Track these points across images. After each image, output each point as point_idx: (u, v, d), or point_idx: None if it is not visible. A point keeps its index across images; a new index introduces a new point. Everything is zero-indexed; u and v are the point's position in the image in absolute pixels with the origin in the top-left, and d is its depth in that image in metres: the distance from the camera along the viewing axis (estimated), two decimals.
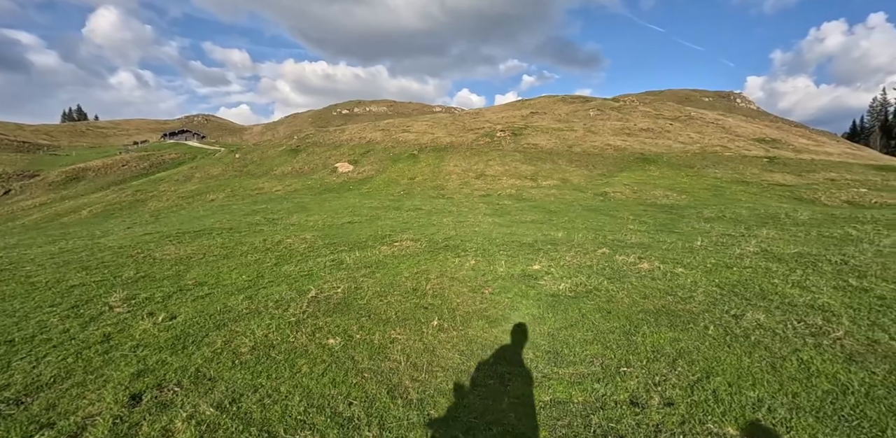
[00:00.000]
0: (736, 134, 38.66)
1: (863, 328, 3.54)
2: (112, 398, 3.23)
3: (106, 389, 3.40)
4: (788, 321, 3.65)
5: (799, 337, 3.36)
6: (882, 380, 2.73)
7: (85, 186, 40.72)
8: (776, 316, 3.82)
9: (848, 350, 3.13)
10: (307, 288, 5.47)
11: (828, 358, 3.02)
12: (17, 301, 5.88)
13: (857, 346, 3.19)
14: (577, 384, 2.83)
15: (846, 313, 3.88)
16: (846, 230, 9.90)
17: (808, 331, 3.43)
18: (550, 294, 4.70)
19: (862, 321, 3.70)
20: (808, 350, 3.16)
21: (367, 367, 3.26)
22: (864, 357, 3.02)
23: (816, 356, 3.04)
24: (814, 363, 2.95)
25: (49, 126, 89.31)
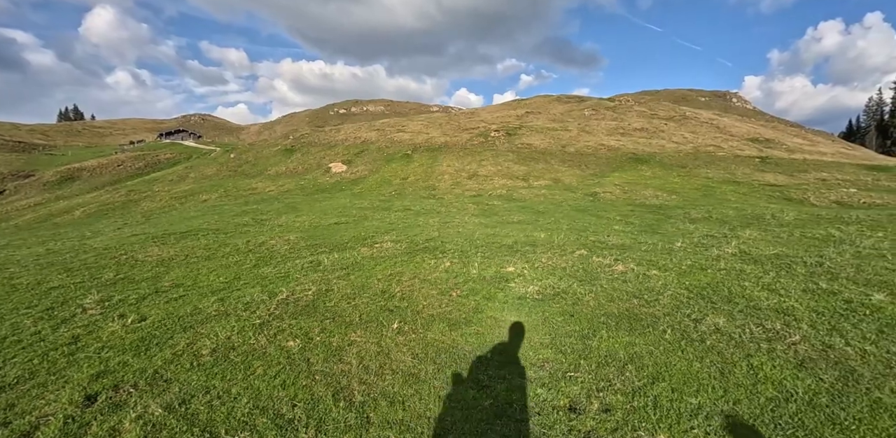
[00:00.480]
0: (730, 134, 38.75)
1: (821, 332, 3.56)
2: (68, 398, 3.27)
3: (64, 390, 3.44)
4: (747, 325, 3.67)
5: (754, 341, 3.38)
6: (828, 388, 2.76)
7: (80, 186, 40.65)
8: (737, 320, 3.85)
9: (801, 355, 3.15)
10: (279, 290, 5.49)
11: (778, 363, 3.04)
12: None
13: (810, 352, 3.21)
14: (520, 389, 2.85)
15: (808, 317, 3.91)
16: (829, 231, 9.94)
17: (764, 336, 3.46)
18: (518, 296, 4.73)
19: (822, 325, 3.72)
20: (761, 355, 3.18)
21: (319, 370, 3.29)
22: (816, 363, 3.05)
23: (767, 362, 3.07)
24: (763, 369, 2.97)
25: (45, 125, 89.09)
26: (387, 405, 2.78)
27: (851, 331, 3.56)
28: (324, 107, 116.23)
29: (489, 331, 3.84)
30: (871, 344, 3.28)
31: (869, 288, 4.86)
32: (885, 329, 3.57)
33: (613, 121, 40.59)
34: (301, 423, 2.67)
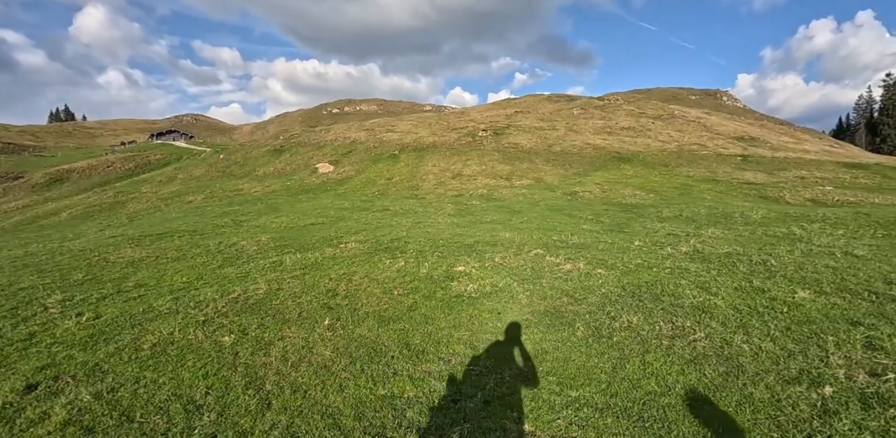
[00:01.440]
0: (716, 132, 39.09)
1: (728, 330, 3.75)
2: (10, 387, 3.48)
3: (9, 380, 3.64)
4: (658, 323, 3.87)
5: (658, 338, 3.58)
6: (708, 383, 2.94)
7: (69, 188, 40.56)
8: (652, 317, 4.04)
9: (697, 352, 3.34)
10: (233, 289, 5.67)
11: (671, 359, 3.24)
12: None
13: (708, 348, 3.40)
14: (419, 381, 3.05)
15: (723, 314, 4.10)
16: (792, 229, 10.18)
17: (670, 333, 3.65)
18: (455, 295, 4.93)
19: (732, 323, 3.91)
20: (658, 351, 3.37)
21: (243, 362, 3.51)
22: (708, 359, 3.24)
23: (661, 357, 3.26)
24: (654, 364, 3.16)
25: (35, 126, 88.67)
26: (290, 393, 3.00)
27: (758, 329, 3.75)
28: (317, 107, 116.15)
29: (414, 328, 4.03)
30: (771, 341, 3.47)
31: (799, 285, 5.07)
32: (793, 326, 3.77)
33: (601, 120, 40.87)
34: (207, 408, 2.94)
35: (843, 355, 3.07)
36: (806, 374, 2.85)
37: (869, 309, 4.07)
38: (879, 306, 4.19)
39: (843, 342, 3.29)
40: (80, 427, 2.88)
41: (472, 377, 3.07)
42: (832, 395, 2.59)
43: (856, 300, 4.39)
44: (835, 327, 3.61)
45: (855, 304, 4.24)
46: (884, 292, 4.57)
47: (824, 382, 2.74)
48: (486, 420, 2.54)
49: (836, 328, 3.58)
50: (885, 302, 4.29)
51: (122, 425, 2.84)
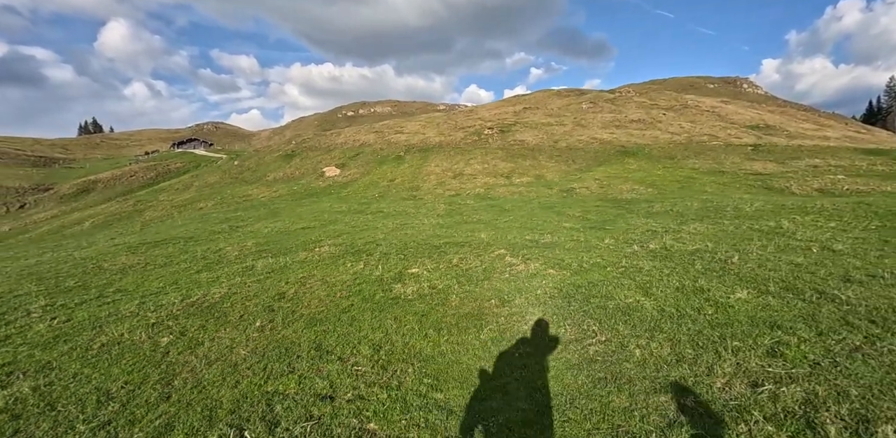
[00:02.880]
0: (731, 121, 38.02)
1: (635, 333, 3.71)
2: None
3: None
4: (566, 326, 3.91)
5: (555, 341, 3.62)
6: (575, 389, 2.97)
7: (94, 198, 42.35)
8: (565, 320, 4.07)
9: (586, 356, 3.36)
10: (196, 293, 5.96)
11: (554, 364, 3.28)
12: None
13: (599, 353, 3.41)
14: (306, 379, 3.22)
15: (642, 317, 4.05)
16: (781, 222, 9.92)
17: (572, 337, 3.68)
18: (392, 297, 5.06)
19: (644, 326, 3.86)
20: (546, 355, 3.42)
21: (169, 360, 3.80)
22: (592, 364, 3.24)
23: (545, 362, 3.31)
24: (534, 368, 3.21)
25: (66, 139, 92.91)
26: (190, 388, 3.28)
27: (667, 332, 3.70)
28: (332, 111, 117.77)
29: (335, 329, 4.19)
30: (671, 346, 3.42)
31: (743, 285, 4.97)
32: (705, 330, 3.73)
33: (611, 113, 40.24)
34: (117, 399, 3.29)
35: (735, 362, 3.04)
36: (681, 383, 2.85)
37: (801, 312, 4.00)
38: (816, 308, 4.09)
39: (745, 348, 3.26)
40: (9, 415, 3.23)
41: (353, 376, 3.22)
42: (692, 406, 2.59)
43: (795, 301, 4.31)
44: (749, 331, 3.57)
45: (790, 306, 4.17)
46: (831, 293, 4.45)
47: (692, 392, 2.74)
48: (337, 418, 2.68)
49: (749, 332, 3.55)
50: (824, 303, 4.19)
51: (44, 413, 3.19)
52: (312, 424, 2.66)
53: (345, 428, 2.62)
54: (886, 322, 3.64)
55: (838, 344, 3.23)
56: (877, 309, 3.98)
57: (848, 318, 3.74)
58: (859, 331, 3.44)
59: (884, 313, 3.86)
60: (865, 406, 2.41)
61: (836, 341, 3.27)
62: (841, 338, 3.30)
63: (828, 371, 2.83)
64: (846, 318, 3.74)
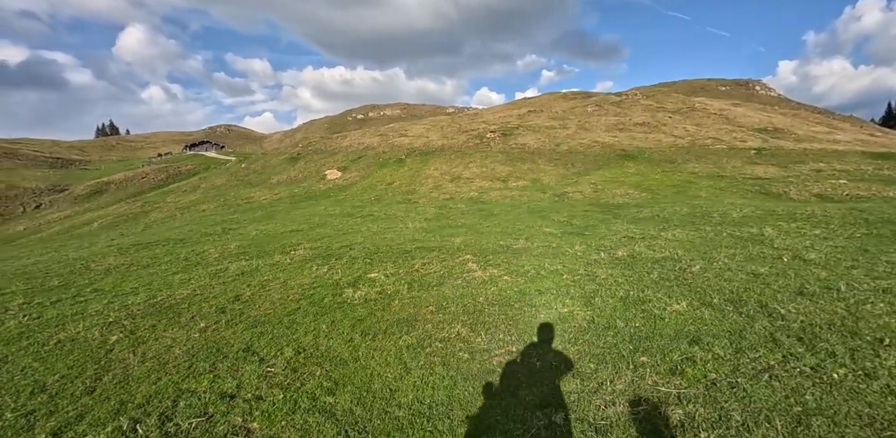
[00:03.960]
0: (738, 124, 37.52)
1: (548, 345, 3.73)
2: None
3: None
4: (484, 334, 3.95)
5: (465, 351, 3.67)
6: (457, 397, 3.03)
7: (106, 199, 43.36)
8: (491, 329, 4.11)
9: (489, 366, 3.38)
10: (161, 294, 6.14)
11: (450, 373, 3.30)
12: None
13: (503, 363, 3.44)
14: (221, 378, 3.34)
15: (568, 329, 4.00)
16: (764, 229, 9.82)
17: (482, 346, 3.69)
18: (340, 301, 5.14)
19: (561, 338, 3.87)
20: (448, 364, 3.44)
21: (111, 357, 4.01)
22: (489, 374, 3.28)
23: (444, 371, 3.33)
24: (430, 378, 3.22)
25: (83, 141, 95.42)
26: (115, 383, 3.49)
27: (580, 345, 3.69)
28: (342, 114, 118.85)
29: (272, 332, 4.29)
30: (579, 359, 3.42)
31: (687, 296, 4.90)
32: (621, 343, 3.67)
33: (615, 116, 40.00)
34: (48, 391, 3.50)
35: (630, 379, 3.02)
36: (563, 399, 2.87)
37: (732, 326, 3.95)
38: (748, 322, 4.03)
39: (651, 364, 3.23)
40: None
41: (263, 377, 3.32)
42: (560, 423, 2.60)
43: (731, 314, 4.25)
44: (665, 345, 3.54)
45: (723, 319, 4.11)
46: (773, 306, 4.38)
47: (567, 409, 2.75)
48: (226, 416, 2.80)
49: (665, 347, 3.52)
50: (760, 317, 4.11)
51: None
52: (201, 420, 2.80)
53: (228, 426, 2.74)
54: (814, 340, 3.59)
55: (751, 362, 3.20)
56: (812, 326, 3.92)
57: (776, 335, 3.70)
58: (780, 349, 3.41)
59: (816, 330, 3.81)
60: (741, 434, 2.42)
61: (751, 359, 3.25)
62: (756, 357, 3.28)
63: (722, 392, 2.81)
64: (774, 335, 3.70)
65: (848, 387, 2.76)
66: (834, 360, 3.10)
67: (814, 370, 3.01)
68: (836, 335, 3.58)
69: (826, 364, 3.06)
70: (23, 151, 67.17)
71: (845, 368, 2.98)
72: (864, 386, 2.77)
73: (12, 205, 43.41)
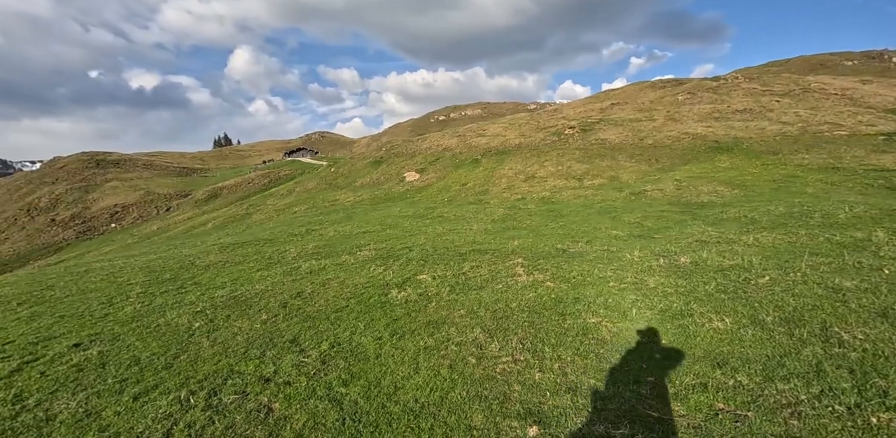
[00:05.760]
0: (866, 105, 32.32)
1: (551, 356, 3.72)
2: (65, 345, 5.17)
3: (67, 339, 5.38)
4: (499, 340, 4.00)
5: (475, 356, 3.77)
6: (452, 398, 3.14)
7: (219, 202, 49.28)
8: (510, 335, 4.16)
9: (492, 373, 3.43)
10: (242, 288, 7.09)
11: (453, 376, 3.46)
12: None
13: (505, 371, 3.46)
14: (264, 364, 3.84)
15: (587, 342, 3.92)
16: (874, 234, 8.50)
17: (494, 353, 3.77)
18: (384, 301, 5.48)
19: (573, 352, 3.81)
20: (461, 366, 3.58)
21: (191, 340, 4.86)
22: (489, 381, 3.34)
23: (449, 371, 3.49)
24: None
25: (202, 152, 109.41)
26: (188, 361, 4.21)
27: (590, 359, 3.64)
28: (424, 116, 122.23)
29: (318, 326, 4.75)
30: (581, 374, 3.40)
31: (739, 312, 4.45)
32: (633, 362, 3.56)
33: (710, 104, 36.54)
34: (140, 364, 4.30)
35: (629, 398, 2.94)
36: (546, 413, 2.87)
37: (773, 350, 3.52)
38: (796, 347, 3.56)
39: (637, 384, 3.12)
40: (76, 368, 4.40)
41: (297, 366, 3.75)
42: (534, 436, 2.60)
43: (779, 337, 3.79)
44: (683, 367, 3.34)
45: (765, 342, 3.71)
46: (835, 331, 3.79)
47: (541, 423, 2.73)
48: (257, 396, 3.24)
49: (681, 369, 3.32)
50: (812, 343, 3.65)
51: (96, 369, 4.32)
52: (238, 397, 3.28)
53: (256, 403, 3.19)
54: (868, 374, 3.07)
55: (776, 395, 2.86)
56: (875, 357, 3.35)
57: (823, 364, 3.25)
58: (820, 383, 2.97)
59: (879, 362, 3.23)
60: None
61: (777, 391, 2.90)
62: (786, 389, 2.92)
63: (721, 425, 2.60)
64: (821, 364, 3.26)
65: (886, 435, 2.41)
66: (882, 401, 2.69)
67: (850, 410, 2.64)
68: None
69: (871, 404, 2.68)
70: (157, 162, 78.97)
71: (892, 413, 2.58)
72: None
73: (149, 208, 51.17)
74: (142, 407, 3.43)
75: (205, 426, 3.04)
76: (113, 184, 66.51)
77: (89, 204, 58.97)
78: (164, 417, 3.25)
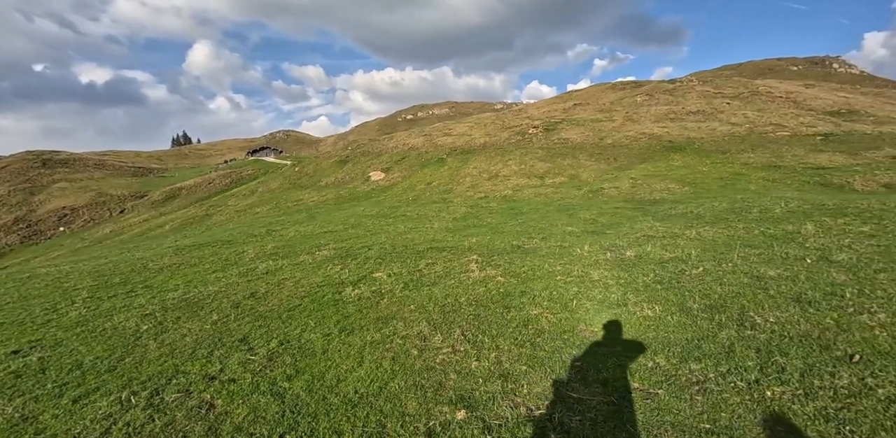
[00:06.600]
0: (808, 108, 34.47)
1: (490, 346, 3.90)
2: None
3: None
4: (441, 333, 4.20)
5: (412, 345, 3.98)
6: (392, 388, 3.26)
7: (178, 203, 47.49)
8: (453, 327, 4.34)
9: (432, 363, 3.57)
10: (195, 290, 6.94)
11: (394, 367, 3.64)
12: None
13: (445, 361, 3.61)
14: (210, 363, 3.86)
15: (525, 333, 4.14)
16: (804, 226, 9.15)
17: (438, 345, 3.95)
18: (336, 299, 5.52)
19: (510, 341, 4.01)
20: (402, 358, 3.74)
21: (138, 343, 4.76)
22: (428, 371, 3.48)
23: (384, 363, 3.67)
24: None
25: (160, 151, 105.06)
26: (133, 363, 4.16)
27: (527, 348, 3.84)
28: (392, 115, 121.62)
29: (269, 324, 4.76)
30: (515, 362, 3.59)
31: (669, 301, 4.77)
32: (564, 349, 3.79)
33: (667, 105, 38.05)
34: (83, 367, 4.24)
35: (552, 382, 3.14)
36: (476, 398, 3.04)
37: (694, 334, 3.85)
38: (714, 331, 3.89)
39: (565, 369, 3.36)
40: (14, 375, 4.28)
41: (244, 363, 3.80)
42: (459, 420, 2.77)
43: (701, 322, 4.10)
44: (602, 351, 3.60)
45: (688, 327, 4.02)
46: (751, 316, 4.14)
47: (470, 407, 2.91)
48: (200, 393, 3.29)
49: (595, 352, 3.59)
50: (729, 326, 3.98)
51: (35, 375, 4.24)
52: (181, 395, 3.30)
53: (199, 400, 3.21)
54: (772, 353, 3.38)
55: (689, 374, 3.12)
56: (782, 338, 3.67)
57: (735, 346, 3.53)
58: (729, 362, 3.25)
59: (784, 342, 3.56)
60: None
61: (689, 371, 3.17)
62: (698, 368, 3.18)
63: (634, 402, 2.84)
64: (733, 346, 3.54)
65: (776, 408, 2.69)
66: (778, 377, 2.99)
67: (749, 386, 2.92)
68: (802, 349, 3.42)
69: (768, 379, 2.97)
70: (110, 162, 75.22)
71: (785, 386, 2.87)
72: (795, 407, 2.68)
73: (101, 211, 48.74)
74: (81, 410, 3.39)
75: (144, 424, 3.04)
76: (61, 185, 62.94)
77: (35, 206, 55.63)
78: (104, 418, 3.23)
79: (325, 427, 2.74)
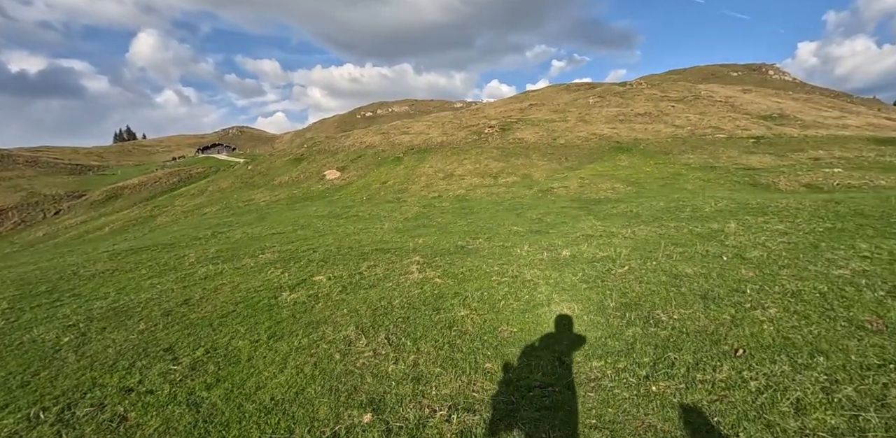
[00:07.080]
0: (744, 112, 36.81)
1: (412, 348, 4.04)
2: None
3: None
4: (368, 337, 4.32)
5: (338, 349, 4.08)
6: (309, 392, 3.33)
7: (120, 204, 44.88)
8: (381, 330, 4.47)
9: (352, 367, 3.65)
10: (125, 298, 6.67)
11: (314, 371, 3.72)
12: None
13: (366, 365, 3.72)
14: (129, 374, 3.81)
15: (448, 335, 4.31)
16: (728, 225, 9.77)
17: (361, 349, 4.07)
18: (271, 304, 5.49)
19: (433, 343, 4.17)
20: (323, 361, 3.83)
21: (56, 356, 4.54)
22: (347, 375, 3.54)
23: (305, 369, 3.77)
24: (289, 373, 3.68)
25: (101, 148, 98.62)
26: (48, 377, 3.99)
27: (446, 350, 4.00)
28: (351, 112, 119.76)
29: (198, 332, 4.68)
30: (428, 364, 3.74)
31: (587, 299, 5.08)
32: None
33: (617, 107, 39.60)
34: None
35: (459, 384, 3.31)
36: (385, 400, 3.16)
37: (603, 333, 4.13)
38: (621, 329, 4.17)
39: (476, 371, 3.55)
40: None
41: (164, 374, 3.76)
42: (366, 423, 2.88)
43: (612, 320, 4.39)
44: (512, 352, 3.84)
45: (598, 326, 4.30)
46: (657, 313, 4.42)
47: (379, 411, 3.03)
48: (114, 406, 3.25)
49: (506, 353, 3.84)
50: (636, 324, 4.27)
51: None
52: (93, 410, 3.23)
53: (111, 414, 3.16)
54: (667, 349, 3.65)
55: (588, 372, 3.38)
56: (681, 334, 3.97)
57: (636, 343, 3.81)
58: (627, 359, 3.52)
59: (682, 338, 3.85)
60: None
61: (589, 369, 3.43)
62: (598, 366, 3.45)
63: (529, 400, 3.02)
64: (634, 343, 3.83)
65: (659, 401, 2.95)
66: (667, 372, 3.26)
67: (639, 381, 3.18)
68: (694, 344, 3.73)
69: (658, 374, 3.25)
70: (43, 159, 69.86)
71: (670, 381, 3.15)
72: (675, 400, 2.94)
73: (33, 212, 45.32)
74: None
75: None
76: None
77: None
78: (8, 436, 3.11)
79: (235, 435, 2.76)
